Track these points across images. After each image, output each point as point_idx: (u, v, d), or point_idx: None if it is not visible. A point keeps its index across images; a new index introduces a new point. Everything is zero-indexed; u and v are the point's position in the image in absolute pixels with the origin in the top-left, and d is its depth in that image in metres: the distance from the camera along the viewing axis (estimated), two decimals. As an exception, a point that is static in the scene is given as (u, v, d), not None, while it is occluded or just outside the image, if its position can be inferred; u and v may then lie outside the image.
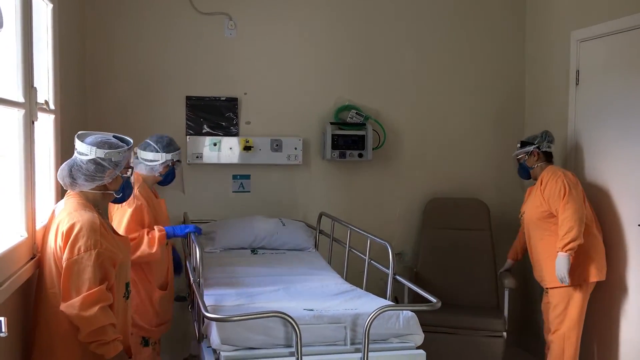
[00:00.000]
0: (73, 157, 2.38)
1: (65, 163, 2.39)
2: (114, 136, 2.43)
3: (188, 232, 3.22)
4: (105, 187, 2.40)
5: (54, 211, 2.46)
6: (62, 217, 2.31)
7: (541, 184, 3.72)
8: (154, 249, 3.04)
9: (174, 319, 3.47)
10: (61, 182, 2.38)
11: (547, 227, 3.69)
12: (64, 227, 2.25)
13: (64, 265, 2.23)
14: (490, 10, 4.76)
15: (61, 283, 2.24)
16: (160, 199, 3.39)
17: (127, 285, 2.45)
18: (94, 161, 2.32)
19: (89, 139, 2.36)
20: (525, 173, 3.94)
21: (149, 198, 3.20)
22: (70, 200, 2.37)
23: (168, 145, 3.29)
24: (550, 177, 3.68)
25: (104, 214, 2.48)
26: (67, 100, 3.35)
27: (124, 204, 2.72)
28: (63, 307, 2.20)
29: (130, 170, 2.50)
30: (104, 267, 2.24)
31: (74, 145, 2.39)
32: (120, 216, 3.08)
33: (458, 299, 4.26)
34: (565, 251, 3.49)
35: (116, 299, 2.32)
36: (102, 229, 2.29)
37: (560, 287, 3.61)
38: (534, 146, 3.83)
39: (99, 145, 2.34)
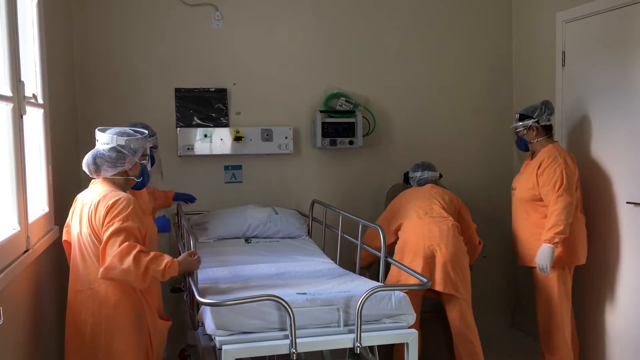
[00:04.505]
0: (95, 147, 2.62)
1: (89, 152, 2.61)
2: (129, 128, 2.70)
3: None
4: (126, 173, 2.64)
5: (80, 199, 2.62)
6: (99, 197, 2.51)
7: (539, 167, 3.65)
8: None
9: (169, 310, 3.50)
10: (86, 170, 2.62)
11: (534, 208, 3.71)
12: (109, 202, 2.47)
13: (106, 234, 2.42)
14: (476, -6, 4.78)
15: (101, 249, 2.43)
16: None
17: None
18: (115, 149, 2.58)
19: (109, 131, 2.62)
20: (524, 146, 3.85)
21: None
22: (102, 186, 2.60)
23: None
24: (550, 163, 3.60)
25: None
26: (55, 94, 3.36)
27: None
28: (102, 272, 2.39)
29: (147, 157, 2.76)
30: (137, 239, 2.47)
31: (95, 138, 2.63)
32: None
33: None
34: (551, 243, 3.50)
35: None
36: (136, 206, 2.54)
37: (535, 268, 3.63)
38: (533, 120, 3.71)
39: (119, 134, 2.61)
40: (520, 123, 3.77)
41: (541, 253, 3.54)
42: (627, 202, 3.65)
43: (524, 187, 3.75)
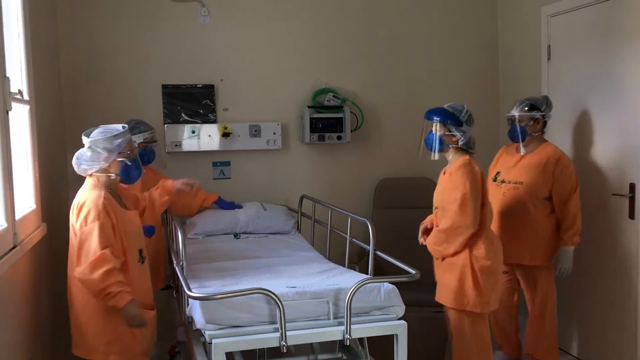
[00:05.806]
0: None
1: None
2: (122, 126, 2.80)
3: None
4: (106, 170, 2.75)
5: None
6: (76, 197, 2.74)
7: (555, 165, 3.53)
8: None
9: (158, 307, 3.49)
10: (75, 169, 2.78)
11: (541, 205, 3.59)
12: (75, 204, 2.69)
13: (79, 236, 2.61)
14: (462, -11, 4.80)
15: (77, 251, 2.62)
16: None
17: (140, 251, 2.84)
18: (90, 149, 2.72)
19: (88, 132, 2.76)
20: (521, 136, 3.61)
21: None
22: (85, 183, 2.78)
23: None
24: (567, 163, 3.55)
25: (113, 194, 2.80)
26: (42, 91, 3.34)
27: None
28: (76, 272, 2.59)
29: (128, 154, 2.80)
30: (107, 236, 2.60)
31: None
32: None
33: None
34: (575, 245, 3.49)
35: (131, 265, 2.74)
36: (106, 204, 2.64)
37: (540, 266, 3.61)
38: (540, 113, 3.60)
39: (95, 134, 2.73)
40: (529, 113, 3.62)
41: (566, 256, 3.51)
42: (612, 194, 3.69)
43: (536, 182, 3.57)
